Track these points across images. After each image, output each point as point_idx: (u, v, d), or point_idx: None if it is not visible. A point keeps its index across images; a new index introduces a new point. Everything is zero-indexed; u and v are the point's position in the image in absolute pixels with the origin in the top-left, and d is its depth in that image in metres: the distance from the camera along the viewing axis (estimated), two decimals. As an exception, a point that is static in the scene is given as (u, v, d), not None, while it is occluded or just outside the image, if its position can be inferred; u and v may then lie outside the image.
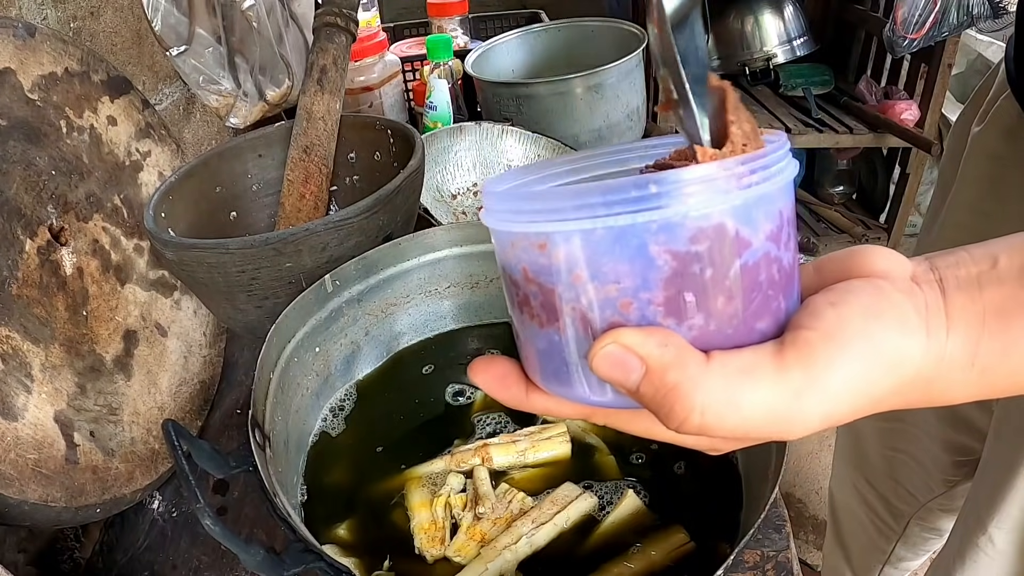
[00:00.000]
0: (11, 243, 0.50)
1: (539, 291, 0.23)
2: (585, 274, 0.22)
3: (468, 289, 0.64)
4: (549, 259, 0.22)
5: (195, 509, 0.35)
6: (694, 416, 0.21)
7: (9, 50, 0.53)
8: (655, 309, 0.22)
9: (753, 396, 0.21)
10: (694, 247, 0.21)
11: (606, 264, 0.21)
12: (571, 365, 0.24)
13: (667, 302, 0.21)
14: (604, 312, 0.22)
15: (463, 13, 1.23)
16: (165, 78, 0.87)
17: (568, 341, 0.24)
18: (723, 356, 0.21)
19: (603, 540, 0.46)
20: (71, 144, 0.58)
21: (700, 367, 0.21)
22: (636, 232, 0.21)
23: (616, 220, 0.21)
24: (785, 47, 1.88)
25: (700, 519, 0.47)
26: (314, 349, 0.55)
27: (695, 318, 0.22)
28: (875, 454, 0.91)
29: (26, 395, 0.48)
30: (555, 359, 0.25)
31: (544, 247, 0.22)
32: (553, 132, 0.94)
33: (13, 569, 0.53)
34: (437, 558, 0.46)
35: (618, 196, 0.20)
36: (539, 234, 0.22)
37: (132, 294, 0.61)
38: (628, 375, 0.22)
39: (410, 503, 0.49)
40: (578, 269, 0.22)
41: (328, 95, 0.67)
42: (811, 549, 1.46)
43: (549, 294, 0.23)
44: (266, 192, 0.73)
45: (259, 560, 0.35)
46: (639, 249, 0.21)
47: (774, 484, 0.39)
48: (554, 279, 0.23)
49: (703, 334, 0.22)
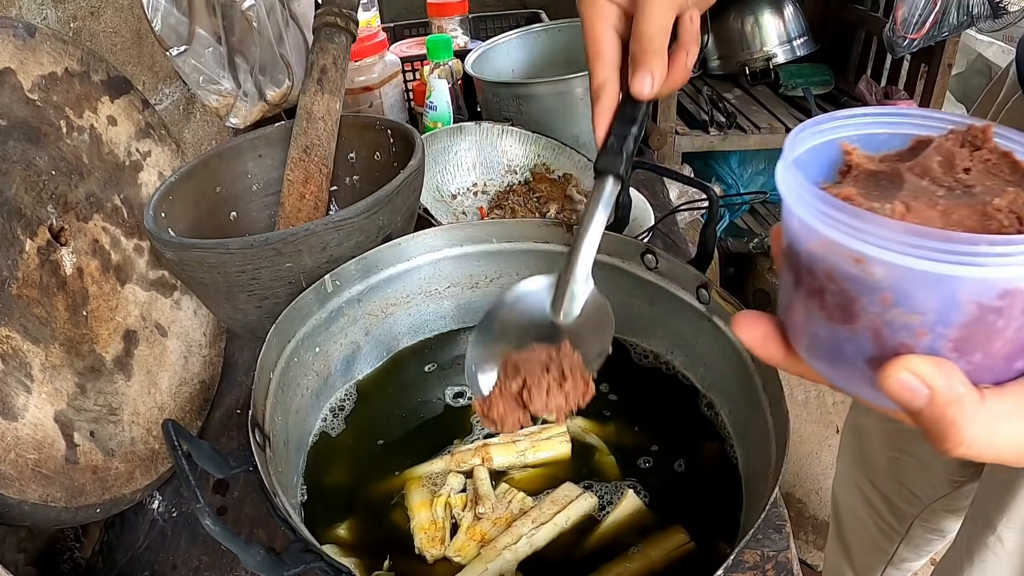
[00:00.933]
0: (11, 243, 0.50)
1: (839, 292, 0.25)
2: (893, 299, 0.24)
3: (468, 289, 0.64)
4: (862, 274, 0.24)
5: (195, 509, 0.35)
6: (961, 448, 0.24)
7: (9, 50, 0.53)
8: (945, 344, 0.24)
9: (1008, 433, 0.24)
10: (998, 303, 0.23)
11: (916, 297, 0.23)
12: (849, 360, 0.26)
13: (958, 340, 0.24)
14: (899, 333, 0.24)
15: (463, 13, 1.23)
16: (165, 78, 0.87)
17: (858, 343, 0.25)
18: (993, 399, 0.24)
19: (603, 540, 0.47)
20: (71, 144, 0.58)
21: (975, 406, 0.24)
22: (954, 280, 0.23)
23: (939, 267, 0.22)
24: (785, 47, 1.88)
25: (700, 519, 0.47)
26: (314, 349, 0.55)
27: (975, 356, 0.24)
28: (879, 455, 0.92)
29: (26, 395, 0.48)
30: (833, 348, 0.26)
31: (861, 263, 0.24)
32: (553, 132, 0.94)
33: (13, 569, 0.53)
34: (437, 558, 0.46)
35: (947, 246, 0.22)
36: (859, 252, 0.23)
37: (132, 294, 0.61)
38: (914, 399, 0.24)
39: (410, 503, 0.49)
40: (888, 293, 0.24)
41: (328, 95, 0.67)
42: (811, 549, 1.46)
43: (850, 301, 0.25)
44: (266, 192, 0.73)
45: (259, 560, 0.35)
46: (951, 295, 0.23)
47: (774, 484, 0.39)
48: (862, 292, 0.24)
49: (975, 369, 0.24)
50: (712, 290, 0.52)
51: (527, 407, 0.41)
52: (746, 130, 1.74)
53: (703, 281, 0.53)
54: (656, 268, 0.56)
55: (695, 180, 0.58)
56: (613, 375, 0.59)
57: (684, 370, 0.58)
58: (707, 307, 0.53)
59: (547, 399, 0.41)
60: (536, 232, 0.61)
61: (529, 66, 1.15)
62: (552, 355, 0.43)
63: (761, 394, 0.47)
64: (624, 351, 0.61)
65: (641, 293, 0.58)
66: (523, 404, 0.41)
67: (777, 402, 0.44)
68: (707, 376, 0.56)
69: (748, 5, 1.87)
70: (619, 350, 0.61)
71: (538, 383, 0.41)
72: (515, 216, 0.87)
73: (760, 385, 0.47)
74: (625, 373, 0.59)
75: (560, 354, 0.43)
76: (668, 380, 0.58)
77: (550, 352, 0.43)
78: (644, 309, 0.59)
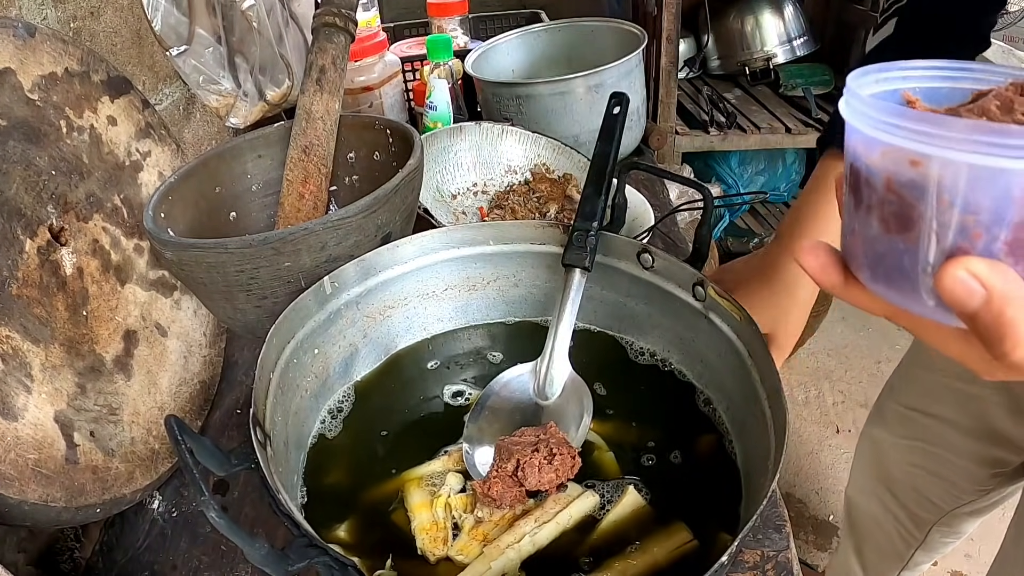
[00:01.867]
0: (11, 243, 0.50)
1: (897, 201, 0.26)
2: (951, 200, 0.24)
3: (466, 291, 0.64)
4: (922, 178, 0.24)
5: (200, 502, 0.35)
6: (1019, 349, 0.24)
7: (9, 50, 0.53)
8: (1000, 246, 0.24)
9: None
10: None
11: (973, 196, 0.24)
12: (907, 273, 0.27)
13: (1012, 243, 0.24)
14: (956, 236, 0.25)
15: (463, 13, 1.23)
16: (165, 78, 0.87)
17: (916, 252, 0.26)
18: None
19: (605, 537, 0.47)
20: (71, 144, 0.58)
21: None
22: (1009, 175, 0.23)
23: (998, 161, 0.22)
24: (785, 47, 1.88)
25: (701, 513, 0.47)
26: (313, 351, 0.55)
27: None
28: (897, 469, 0.91)
29: (26, 395, 0.48)
30: (891, 263, 0.27)
31: (919, 166, 0.24)
32: (553, 132, 0.94)
33: (13, 569, 0.53)
34: (440, 558, 0.46)
35: (1001, 139, 0.22)
36: (919, 154, 0.24)
37: (132, 294, 0.61)
38: (970, 298, 0.24)
39: (410, 504, 0.49)
40: (947, 195, 0.24)
41: (327, 95, 0.67)
42: (811, 549, 1.46)
43: (909, 208, 0.25)
44: (265, 192, 0.73)
45: (264, 554, 0.35)
46: (1007, 191, 0.23)
47: (774, 474, 0.39)
48: (919, 196, 0.25)
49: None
50: (708, 287, 0.52)
51: (522, 485, 0.47)
52: (746, 130, 1.74)
53: (699, 278, 0.53)
54: (652, 267, 0.56)
55: (690, 180, 0.58)
56: (611, 373, 0.59)
57: (681, 367, 0.58)
58: (703, 304, 0.53)
59: (539, 476, 0.47)
60: (533, 234, 0.61)
61: (529, 66, 1.15)
62: (540, 436, 0.49)
63: (759, 388, 0.47)
64: (621, 349, 0.61)
65: (638, 292, 0.58)
66: (518, 482, 0.47)
67: (775, 394, 0.44)
68: (704, 373, 0.56)
69: (748, 5, 1.87)
70: (616, 348, 0.61)
71: (530, 463, 0.47)
72: (515, 216, 0.87)
73: (758, 379, 0.47)
74: (623, 371, 0.59)
75: (547, 435, 0.49)
76: (665, 377, 0.58)
77: (538, 433, 0.49)
78: (641, 308, 0.59)
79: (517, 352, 0.60)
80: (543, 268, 0.62)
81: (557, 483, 0.47)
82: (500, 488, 0.47)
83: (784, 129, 1.73)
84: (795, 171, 2.01)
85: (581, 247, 0.52)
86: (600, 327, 0.63)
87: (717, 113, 1.78)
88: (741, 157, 1.93)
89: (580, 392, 0.54)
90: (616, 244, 0.58)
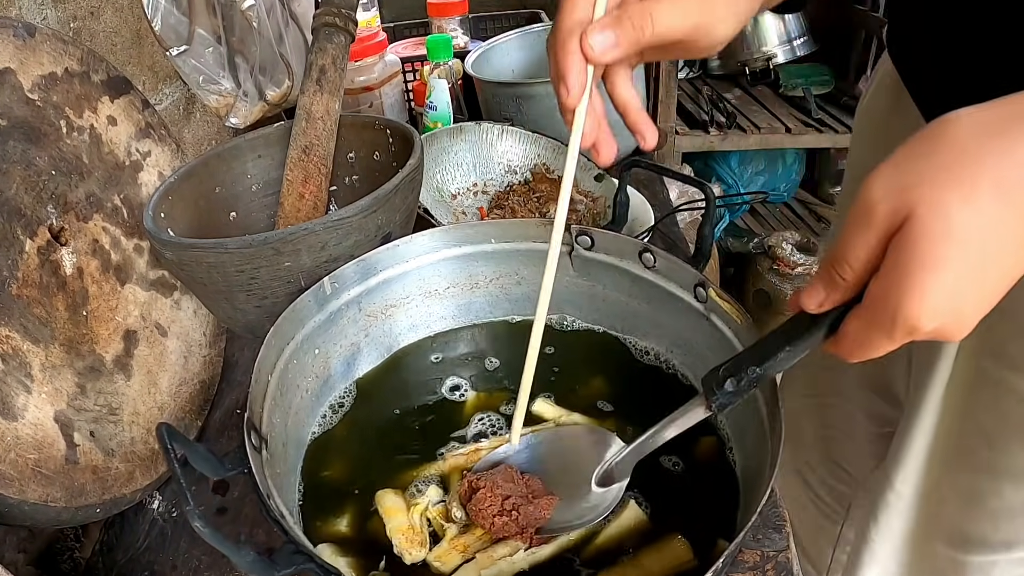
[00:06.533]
0: (11, 243, 0.50)
1: None
2: None
3: (468, 290, 0.64)
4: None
5: (186, 512, 0.35)
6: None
7: (9, 50, 0.53)
8: None
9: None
10: None
11: None
12: None
13: None
14: None
15: (463, 13, 1.23)
16: (165, 78, 0.87)
17: None
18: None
19: (604, 550, 0.46)
20: (71, 144, 0.58)
21: None
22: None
23: None
24: (785, 47, 1.88)
25: (699, 520, 0.47)
26: (313, 351, 0.55)
27: None
28: (811, 436, 0.92)
29: (26, 395, 0.48)
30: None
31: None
32: (553, 132, 0.94)
33: (13, 569, 0.53)
34: (416, 561, 0.46)
35: None
36: None
37: (132, 294, 0.61)
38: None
39: (382, 507, 0.49)
40: None
41: (327, 95, 0.67)
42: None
43: None
44: (265, 192, 0.73)
45: (250, 561, 0.35)
46: None
47: (770, 477, 0.39)
48: None
49: None
50: (710, 288, 0.52)
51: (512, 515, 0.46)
52: (746, 130, 1.74)
53: (700, 280, 0.53)
54: (654, 267, 0.56)
55: (692, 178, 0.58)
56: (612, 373, 0.59)
57: (683, 369, 0.58)
58: (705, 306, 0.53)
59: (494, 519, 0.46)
60: (534, 232, 0.61)
61: (529, 66, 1.15)
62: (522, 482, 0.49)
63: (757, 392, 0.47)
64: (623, 349, 0.61)
65: (639, 292, 0.58)
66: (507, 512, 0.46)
67: (773, 400, 0.44)
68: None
69: (748, 5, 1.86)
70: (618, 348, 0.61)
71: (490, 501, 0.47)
72: (515, 216, 0.87)
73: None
74: (624, 371, 0.59)
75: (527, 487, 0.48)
76: (668, 379, 0.58)
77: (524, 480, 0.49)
78: (643, 308, 0.59)
79: (519, 351, 0.60)
80: (543, 265, 0.62)
81: (515, 533, 0.45)
82: (490, 506, 0.46)
83: (784, 129, 1.73)
84: (795, 171, 2.01)
85: (734, 393, 0.40)
86: (605, 327, 0.63)
87: (717, 113, 1.78)
88: (741, 157, 1.93)
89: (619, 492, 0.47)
90: (618, 243, 0.58)
